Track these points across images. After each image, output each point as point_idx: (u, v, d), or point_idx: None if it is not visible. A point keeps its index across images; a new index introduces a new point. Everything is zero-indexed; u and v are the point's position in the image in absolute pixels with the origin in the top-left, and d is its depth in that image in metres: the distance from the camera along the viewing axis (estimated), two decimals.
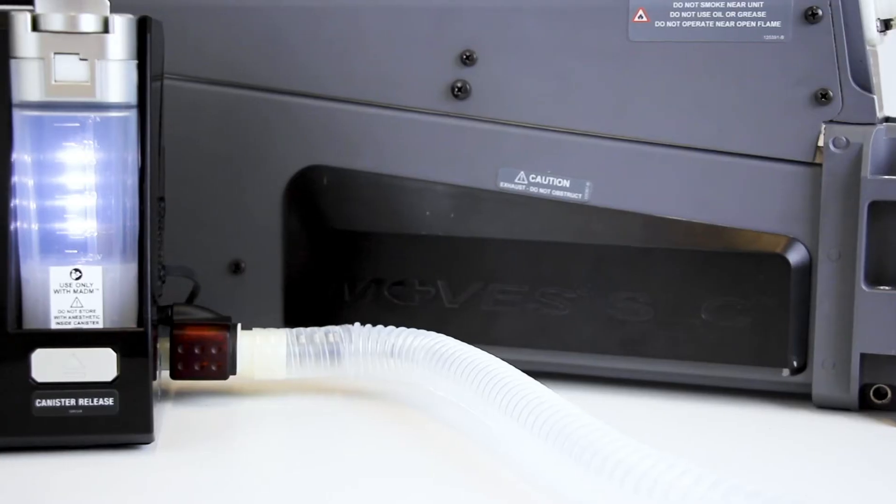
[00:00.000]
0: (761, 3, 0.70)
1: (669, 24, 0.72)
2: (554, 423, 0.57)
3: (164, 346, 0.69)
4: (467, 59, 0.74)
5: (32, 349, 0.61)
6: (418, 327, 0.70)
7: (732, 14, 0.71)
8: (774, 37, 0.70)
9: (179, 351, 0.69)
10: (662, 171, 0.73)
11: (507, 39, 0.74)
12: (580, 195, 0.74)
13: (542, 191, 0.74)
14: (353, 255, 0.77)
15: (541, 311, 0.74)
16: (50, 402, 0.61)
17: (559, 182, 0.74)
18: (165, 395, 0.71)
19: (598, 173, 0.73)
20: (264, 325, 0.72)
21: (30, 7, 0.76)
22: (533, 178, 0.74)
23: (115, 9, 0.62)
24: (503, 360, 0.65)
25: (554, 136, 0.74)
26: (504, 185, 0.75)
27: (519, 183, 0.74)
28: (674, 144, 0.73)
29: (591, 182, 0.73)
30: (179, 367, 0.69)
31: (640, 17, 0.72)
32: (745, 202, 0.72)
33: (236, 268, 0.78)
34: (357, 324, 0.71)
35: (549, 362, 0.74)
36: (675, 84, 0.72)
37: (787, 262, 0.70)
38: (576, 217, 0.74)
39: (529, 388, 0.61)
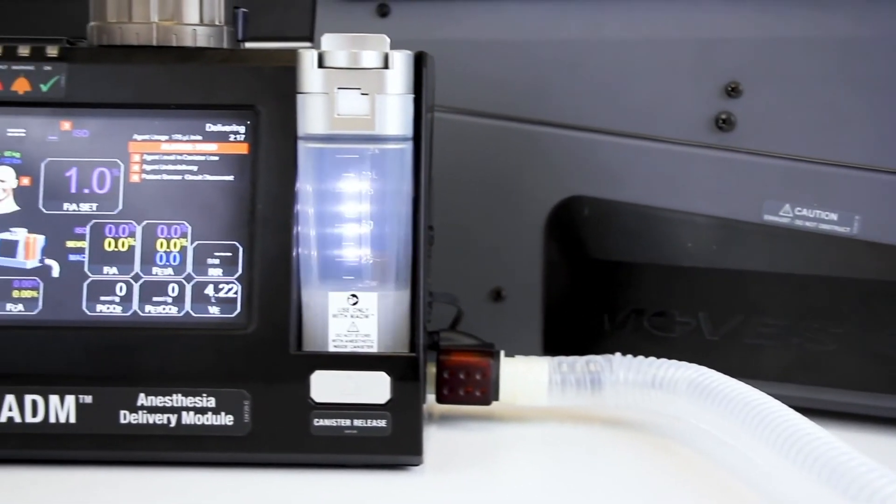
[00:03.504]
0: None
1: None
2: (826, 460, 0.56)
3: (430, 370, 0.71)
4: (732, 91, 0.74)
5: (312, 370, 0.63)
6: (678, 359, 0.70)
7: None
8: None
9: (445, 376, 0.71)
10: None
11: (774, 70, 0.73)
12: (848, 229, 0.72)
13: (807, 224, 0.73)
14: (613, 285, 0.77)
15: (805, 345, 0.73)
16: (327, 422, 0.63)
17: (826, 215, 0.73)
18: (430, 418, 0.73)
19: (867, 206, 0.72)
20: (523, 352, 0.73)
21: (309, 44, 0.80)
22: (798, 211, 0.73)
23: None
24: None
25: (821, 169, 0.73)
26: (768, 217, 0.74)
27: (784, 216, 0.74)
28: None
29: (860, 216, 0.72)
30: (445, 392, 0.71)
31: None
32: None
33: (497, 295, 0.80)
34: (618, 354, 0.71)
35: (813, 398, 0.73)
36: None
37: None
38: (843, 251, 0.72)
39: (797, 423, 0.61)
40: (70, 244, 0.64)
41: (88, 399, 0.63)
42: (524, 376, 0.71)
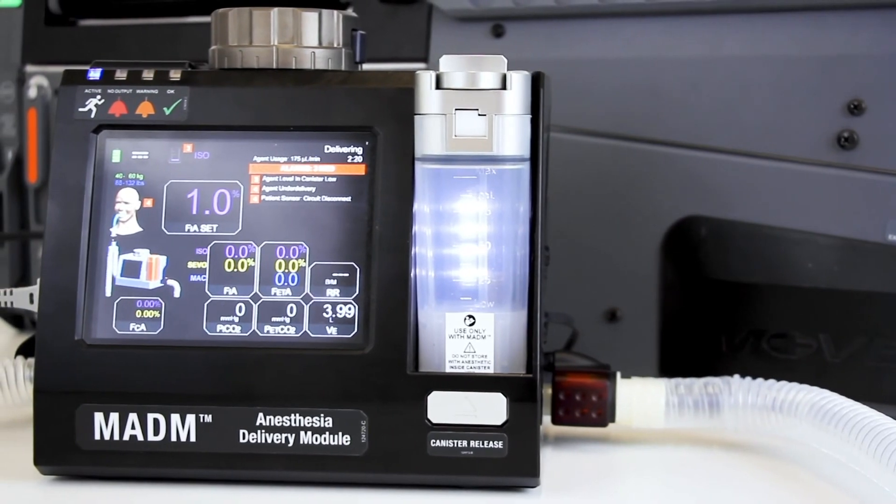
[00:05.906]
0: None
1: None
2: None
3: (545, 391, 0.70)
4: (855, 109, 0.73)
5: (429, 391, 0.63)
6: (799, 382, 0.69)
7: None
8: None
9: (561, 397, 0.70)
10: None
11: None
12: None
13: None
14: (731, 306, 0.76)
15: None
16: (444, 443, 0.63)
17: None
18: (546, 439, 0.72)
19: None
20: (639, 374, 0.72)
21: (424, 65, 0.80)
22: None
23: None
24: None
25: None
26: (893, 237, 0.72)
27: None
28: None
29: None
30: (560, 413, 0.70)
31: None
32: None
33: (612, 316, 0.79)
34: (736, 376, 0.70)
35: None
36: None
37: None
38: None
39: None
40: (191, 265, 0.65)
41: (209, 418, 0.64)
42: (641, 398, 0.70)
